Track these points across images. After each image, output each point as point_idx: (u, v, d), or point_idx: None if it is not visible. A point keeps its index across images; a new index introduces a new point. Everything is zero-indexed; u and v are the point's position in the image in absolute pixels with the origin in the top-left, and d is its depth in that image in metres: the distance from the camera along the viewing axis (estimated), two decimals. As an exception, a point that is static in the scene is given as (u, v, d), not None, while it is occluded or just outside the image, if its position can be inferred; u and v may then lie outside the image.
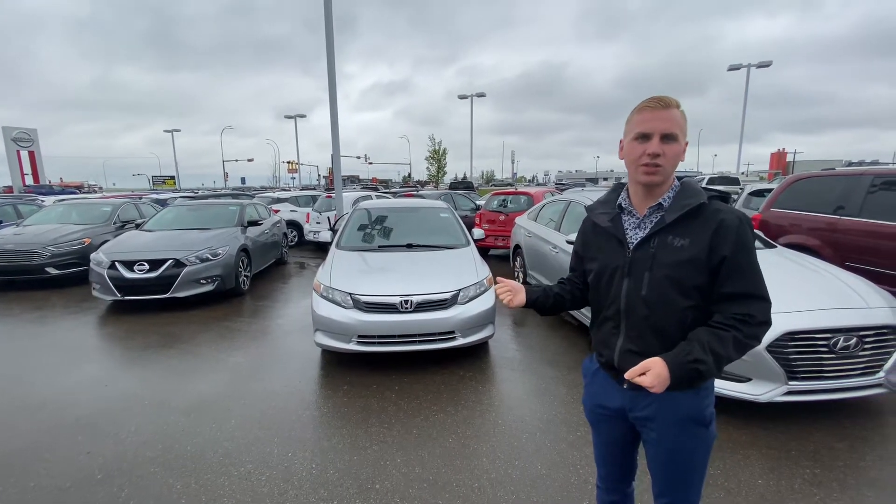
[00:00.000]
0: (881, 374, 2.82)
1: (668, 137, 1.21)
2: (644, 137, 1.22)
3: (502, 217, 9.28)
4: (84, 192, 30.60)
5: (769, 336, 2.75)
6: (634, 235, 1.32)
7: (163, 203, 11.34)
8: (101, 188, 55.37)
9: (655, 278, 1.26)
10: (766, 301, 1.23)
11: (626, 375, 1.21)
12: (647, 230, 1.29)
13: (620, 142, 1.33)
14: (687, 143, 1.27)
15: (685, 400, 1.30)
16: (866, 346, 2.80)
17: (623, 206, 1.36)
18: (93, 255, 6.07)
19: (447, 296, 3.84)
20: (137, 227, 7.61)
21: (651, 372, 1.17)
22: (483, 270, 4.27)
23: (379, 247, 4.88)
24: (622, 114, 1.31)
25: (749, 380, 2.84)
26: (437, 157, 46.45)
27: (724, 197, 1.30)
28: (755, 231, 4.42)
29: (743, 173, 30.59)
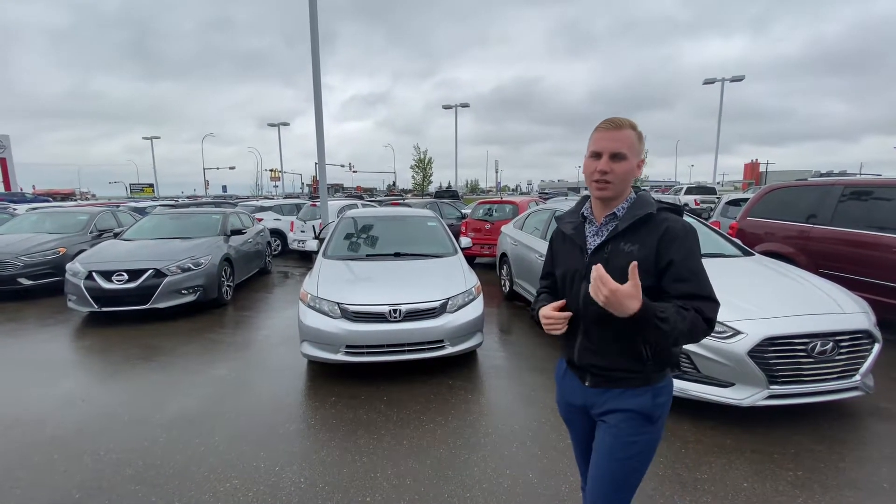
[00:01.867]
0: (857, 377, 2.92)
1: (616, 156, 1.32)
2: (596, 155, 1.35)
3: (488, 226, 9.35)
4: (75, 201, 29.61)
5: (750, 341, 2.83)
6: (592, 242, 1.44)
7: (142, 211, 11.08)
8: (94, 195, 53.98)
9: None
10: (714, 302, 1.29)
11: (596, 270, 1.19)
12: (604, 237, 1.41)
13: (585, 158, 1.44)
14: (643, 161, 1.40)
15: (637, 397, 1.38)
16: (842, 351, 2.90)
17: (585, 215, 1.49)
18: (69, 266, 5.88)
19: (436, 305, 3.84)
20: (116, 236, 7.42)
21: (629, 285, 1.17)
22: (471, 279, 4.29)
23: (366, 256, 4.86)
24: (595, 125, 1.41)
25: (732, 385, 2.91)
26: (423, 166, 46.57)
27: (677, 209, 1.41)
28: (733, 239, 4.55)
29: (719, 183, 31.48)
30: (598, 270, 1.20)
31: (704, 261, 1.35)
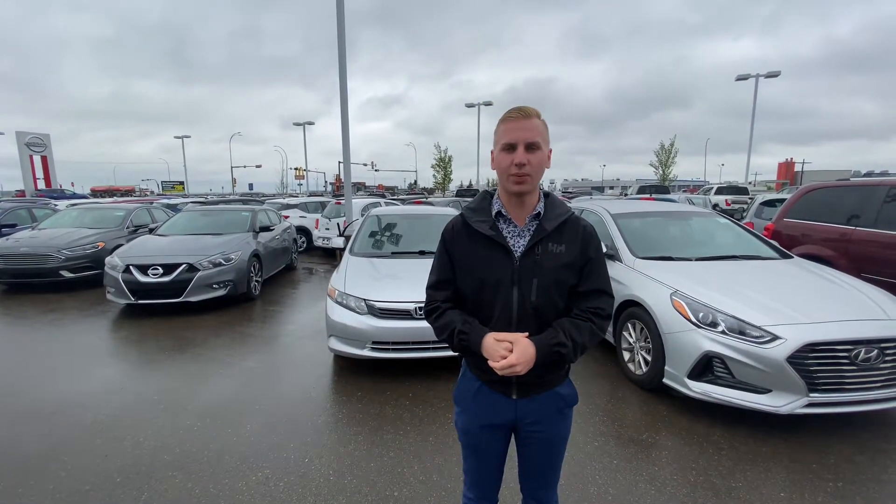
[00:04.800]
0: (904, 386, 2.78)
1: (531, 146, 1.26)
2: (510, 147, 1.27)
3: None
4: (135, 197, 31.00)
5: (789, 347, 2.73)
6: (517, 244, 1.34)
7: (174, 208, 11.45)
8: (152, 191, 56.77)
9: (543, 284, 1.32)
10: (612, 297, 1.41)
11: (497, 364, 1.24)
12: (528, 238, 1.34)
13: (491, 152, 1.36)
14: (550, 151, 1.34)
15: (563, 390, 1.43)
16: (888, 359, 2.77)
17: (503, 213, 1.36)
18: (108, 259, 6.13)
19: (461, 303, 3.84)
20: (151, 231, 7.69)
21: (518, 348, 1.25)
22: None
23: (392, 253, 4.90)
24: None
25: (769, 391, 2.81)
26: (444, 164, 46.68)
27: None
28: (770, 241, 4.41)
29: (751, 183, 30.43)
30: (499, 364, 1.23)
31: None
